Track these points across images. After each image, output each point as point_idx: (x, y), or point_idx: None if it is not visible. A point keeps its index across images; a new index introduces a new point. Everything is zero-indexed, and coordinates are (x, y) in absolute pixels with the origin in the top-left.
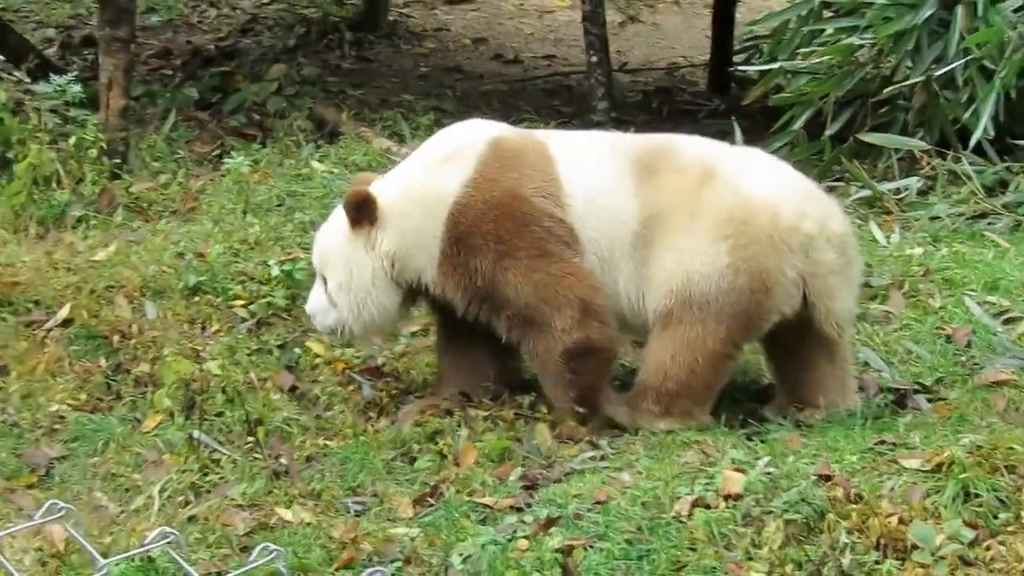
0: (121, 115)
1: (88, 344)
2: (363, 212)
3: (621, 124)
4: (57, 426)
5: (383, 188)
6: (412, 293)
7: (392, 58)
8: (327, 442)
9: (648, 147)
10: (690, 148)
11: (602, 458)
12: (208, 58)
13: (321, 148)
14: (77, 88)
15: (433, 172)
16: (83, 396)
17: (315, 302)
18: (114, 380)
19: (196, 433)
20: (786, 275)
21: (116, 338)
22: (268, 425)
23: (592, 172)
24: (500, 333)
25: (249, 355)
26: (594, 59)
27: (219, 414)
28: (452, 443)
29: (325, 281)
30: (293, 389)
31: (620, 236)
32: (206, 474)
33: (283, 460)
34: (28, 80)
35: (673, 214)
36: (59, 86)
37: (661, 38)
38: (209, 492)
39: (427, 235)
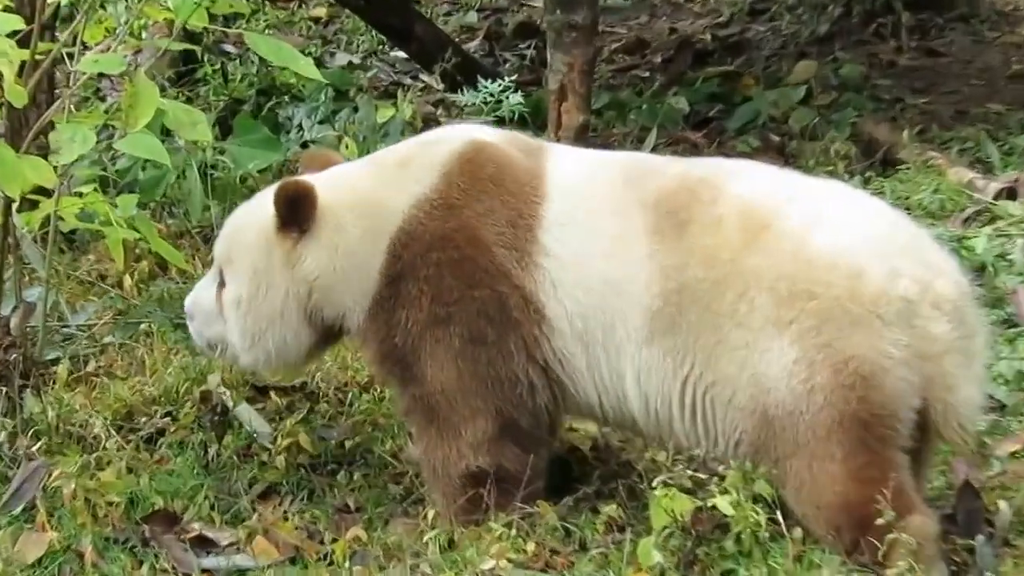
0: (579, 136)
1: None
2: (296, 212)
3: None
4: None
5: (323, 188)
6: (329, 333)
7: (971, 51)
8: None
9: (678, 184)
10: (737, 186)
11: None
12: (702, 52)
13: (871, 182)
14: (516, 98)
15: (385, 178)
16: (530, 546)
17: (200, 300)
18: (574, 524)
19: None
20: (891, 356)
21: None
22: None
23: (592, 220)
24: (398, 407)
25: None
26: None
27: (730, 572)
28: None
29: (222, 280)
30: None
31: (621, 313)
32: None
33: None
34: (442, 86)
35: (711, 290)
36: (489, 95)
37: None
38: None
39: (362, 263)
